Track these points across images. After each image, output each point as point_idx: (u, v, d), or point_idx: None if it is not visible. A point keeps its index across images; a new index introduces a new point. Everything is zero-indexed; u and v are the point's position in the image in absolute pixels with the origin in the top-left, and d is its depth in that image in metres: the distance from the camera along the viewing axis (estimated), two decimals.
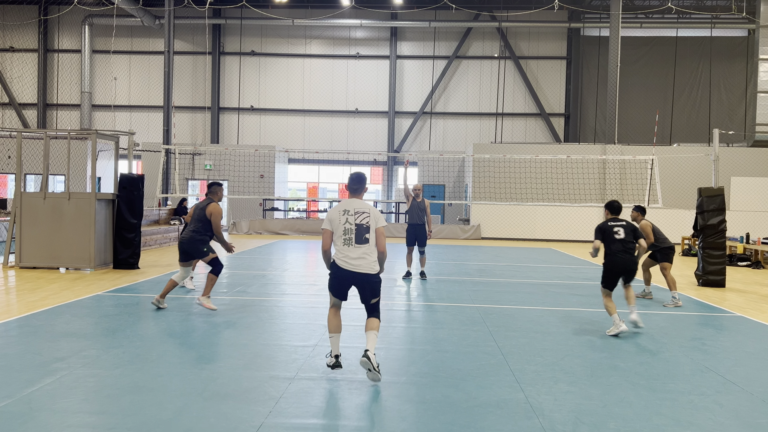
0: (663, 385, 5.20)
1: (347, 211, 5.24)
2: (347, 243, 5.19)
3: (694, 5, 27.49)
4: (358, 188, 5.48)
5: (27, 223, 11.47)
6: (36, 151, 18.46)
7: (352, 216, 5.23)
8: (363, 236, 5.20)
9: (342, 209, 5.27)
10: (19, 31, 29.71)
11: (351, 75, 29.63)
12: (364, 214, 5.25)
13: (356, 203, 5.31)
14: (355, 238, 5.18)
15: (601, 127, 27.29)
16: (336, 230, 5.23)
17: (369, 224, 5.23)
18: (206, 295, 7.72)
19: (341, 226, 5.22)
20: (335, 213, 5.26)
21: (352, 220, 5.22)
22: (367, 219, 5.25)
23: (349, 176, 5.56)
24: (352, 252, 5.17)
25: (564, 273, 13.04)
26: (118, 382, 4.91)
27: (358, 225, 5.20)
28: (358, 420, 4.27)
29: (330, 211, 5.33)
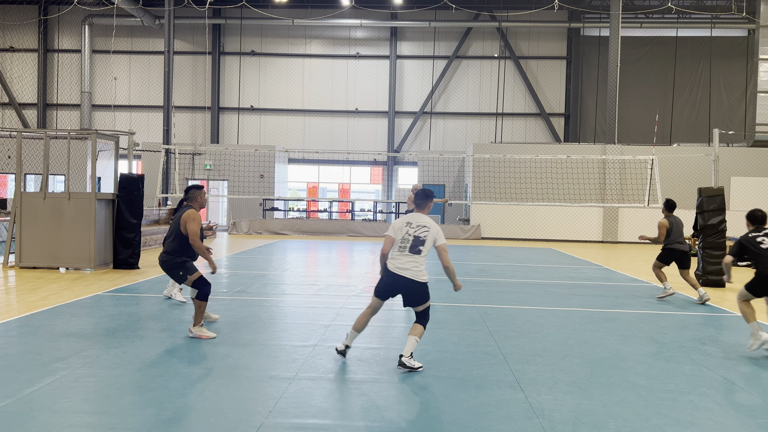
0: (663, 385, 5.20)
1: (410, 224, 5.63)
2: (402, 250, 5.54)
3: (694, 5, 27.48)
4: (422, 203, 5.79)
5: (27, 223, 11.47)
6: (36, 151, 18.47)
7: (414, 228, 5.60)
8: (417, 247, 5.53)
9: (406, 221, 5.67)
10: (19, 31, 29.71)
11: (351, 75, 29.63)
12: (424, 228, 5.60)
13: (420, 218, 5.66)
14: (410, 247, 5.52)
15: (601, 127, 27.29)
16: (396, 238, 5.60)
17: (426, 238, 5.55)
18: (198, 324, 6.44)
19: (400, 235, 5.60)
20: (400, 223, 5.68)
21: (412, 232, 5.59)
22: (426, 233, 5.58)
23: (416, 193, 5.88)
24: (402, 258, 5.52)
25: (564, 273, 13.04)
26: (118, 382, 4.91)
27: (415, 237, 5.55)
28: (358, 420, 4.27)
29: (395, 221, 5.75)
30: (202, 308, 6.41)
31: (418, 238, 5.54)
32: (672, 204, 10.01)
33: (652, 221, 22.02)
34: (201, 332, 6.40)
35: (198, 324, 6.43)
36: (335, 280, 11.16)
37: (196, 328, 6.42)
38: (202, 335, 6.36)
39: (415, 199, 5.83)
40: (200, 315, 6.42)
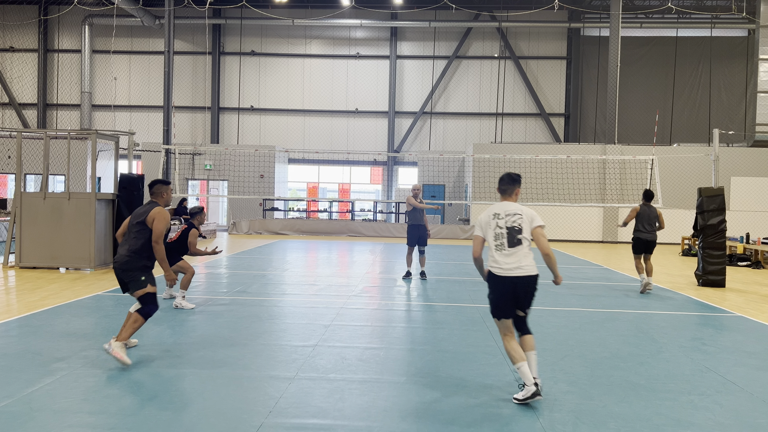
0: (663, 385, 5.20)
1: (497, 215, 4.83)
2: (499, 248, 4.75)
3: (694, 5, 27.49)
4: (507, 189, 4.99)
5: (27, 223, 11.48)
6: (36, 151, 18.47)
7: (503, 219, 4.81)
8: (515, 238, 4.75)
9: (492, 213, 4.87)
10: (19, 31, 29.71)
11: (351, 75, 29.64)
12: (516, 215, 4.82)
13: (507, 206, 4.89)
14: (507, 242, 4.73)
15: (601, 127, 27.29)
16: (487, 236, 4.83)
17: (522, 225, 4.77)
18: (122, 341, 5.37)
19: (492, 231, 4.80)
20: (486, 217, 4.88)
21: (502, 224, 4.80)
22: (520, 220, 4.80)
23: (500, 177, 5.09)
24: (505, 257, 4.72)
25: (564, 273, 13.04)
26: (118, 382, 4.91)
27: (509, 228, 4.77)
28: (358, 420, 4.27)
29: (480, 217, 4.94)
30: (137, 325, 5.49)
31: (513, 229, 4.76)
32: (649, 194, 10.58)
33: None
34: (120, 352, 5.29)
35: (123, 340, 5.39)
36: (335, 280, 11.16)
37: (118, 344, 5.32)
38: (119, 355, 5.27)
39: (500, 185, 5.03)
40: (131, 332, 5.46)
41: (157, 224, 5.64)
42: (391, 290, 10.15)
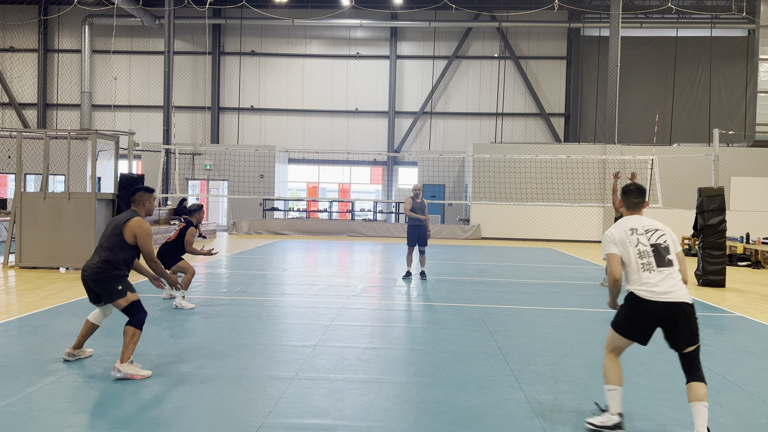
0: (663, 385, 5.20)
1: (634, 230, 4.28)
2: (647, 268, 4.12)
3: (694, 5, 27.49)
4: (640, 202, 4.48)
5: (27, 223, 11.48)
6: (36, 151, 18.47)
7: (643, 235, 4.25)
8: (665, 258, 4.14)
9: (627, 227, 4.29)
10: (19, 31, 29.71)
11: (351, 75, 29.64)
12: (658, 231, 4.26)
13: (642, 220, 4.35)
14: (656, 261, 4.13)
15: (601, 127, 27.29)
16: (627, 254, 4.20)
17: (668, 243, 4.21)
18: (127, 360, 5.03)
19: (632, 249, 4.19)
20: (620, 233, 4.28)
21: (644, 240, 4.23)
22: (664, 237, 4.24)
23: (626, 189, 4.51)
24: (656, 277, 4.07)
25: (564, 273, 13.04)
26: (118, 382, 4.91)
27: (654, 245, 4.20)
28: (358, 420, 4.27)
29: (611, 232, 4.34)
30: (136, 338, 5.08)
31: (659, 246, 4.18)
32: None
33: None
34: (134, 371, 5.01)
35: (127, 360, 5.02)
36: (335, 280, 11.16)
37: (126, 365, 5.00)
38: (135, 375, 5.00)
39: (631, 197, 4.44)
40: (132, 348, 5.06)
41: (143, 242, 5.24)
42: (391, 290, 10.15)
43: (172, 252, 8.36)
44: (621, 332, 4.21)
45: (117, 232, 5.22)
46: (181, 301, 8.01)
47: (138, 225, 5.22)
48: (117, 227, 5.24)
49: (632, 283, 4.15)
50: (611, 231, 4.33)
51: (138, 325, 5.11)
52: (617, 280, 4.20)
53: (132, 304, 5.17)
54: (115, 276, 5.17)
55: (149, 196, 5.47)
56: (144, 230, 5.23)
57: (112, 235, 5.23)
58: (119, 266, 5.21)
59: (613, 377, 4.22)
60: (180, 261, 8.38)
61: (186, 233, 8.34)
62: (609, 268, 4.22)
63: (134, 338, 5.08)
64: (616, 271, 4.20)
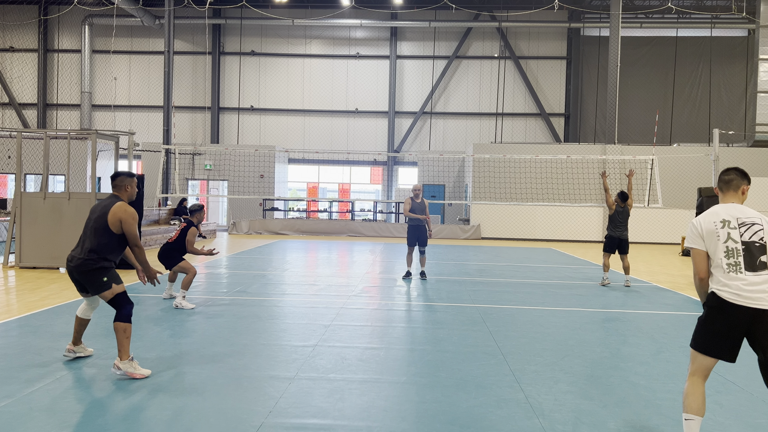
0: (663, 385, 5.20)
1: (726, 222, 3.61)
2: (733, 269, 3.53)
3: (694, 5, 27.49)
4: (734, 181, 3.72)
5: (27, 223, 11.48)
6: (36, 151, 18.47)
7: (736, 229, 3.58)
8: (758, 260, 3.53)
9: (718, 219, 3.63)
10: (19, 31, 29.71)
11: (351, 75, 29.64)
12: (754, 226, 3.58)
13: (739, 209, 3.65)
14: (745, 262, 3.51)
15: (601, 127, 27.29)
16: (713, 250, 3.61)
17: (766, 241, 3.55)
18: (127, 358, 5.00)
19: (721, 245, 3.58)
20: (709, 224, 3.63)
21: (736, 236, 3.57)
22: (761, 233, 3.56)
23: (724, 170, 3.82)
24: (742, 280, 3.50)
25: (564, 273, 13.04)
26: (119, 382, 4.91)
27: (747, 243, 3.55)
28: (358, 420, 4.27)
29: (699, 222, 3.68)
30: (128, 333, 5.00)
31: (753, 245, 3.53)
32: (624, 195, 11.00)
33: (652, 221, 22.06)
34: (133, 369, 4.97)
35: (126, 357, 4.99)
36: (335, 280, 11.16)
37: (126, 363, 4.97)
38: (135, 374, 4.96)
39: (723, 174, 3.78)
40: (127, 343, 5.00)
41: (129, 227, 5.11)
42: (391, 290, 10.15)
43: (173, 252, 8.39)
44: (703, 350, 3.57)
45: (101, 219, 5.10)
46: (182, 301, 8.02)
47: (122, 209, 5.12)
48: (102, 214, 5.12)
49: (715, 285, 3.60)
50: (699, 221, 3.68)
51: (126, 319, 5.02)
52: (703, 279, 3.64)
53: (117, 296, 5.06)
54: (101, 268, 5.06)
55: (131, 181, 5.37)
56: (129, 214, 5.13)
57: (96, 222, 5.12)
58: (105, 256, 5.09)
59: (693, 406, 3.56)
60: (181, 261, 8.41)
61: (187, 233, 8.36)
62: (694, 266, 3.70)
63: (126, 333, 5.00)
64: (701, 269, 3.63)
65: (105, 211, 5.12)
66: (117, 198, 5.26)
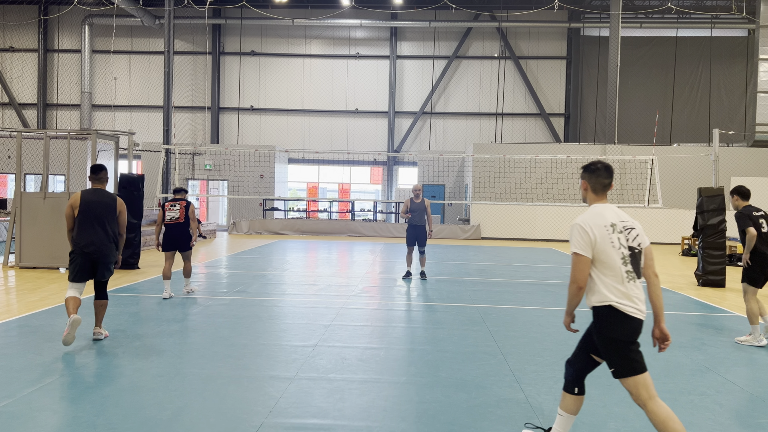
0: (663, 385, 5.20)
1: (614, 226, 3.41)
2: (630, 276, 3.35)
3: (694, 5, 27.49)
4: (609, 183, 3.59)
5: (27, 223, 11.48)
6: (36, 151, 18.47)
7: (622, 233, 3.41)
8: (640, 266, 3.43)
9: (608, 222, 3.42)
10: (19, 31, 29.71)
11: (351, 75, 29.64)
12: (633, 230, 3.46)
13: (617, 211, 3.52)
14: (634, 269, 3.38)
15: (601, 127, 27.29)
16: (604, 257, 3.36)
17: (642, 246, 3.44)
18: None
19: (616, 251, 3.36)
20: (600, 228, 3.38)
21: (624, 241, 3.40)
22: (638, 237, 3.44)
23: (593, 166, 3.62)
24: (638, 290, 3.38)
25: (564, 273, 13.04)
26: (118, 382, 4.91)
27: (632, 248, 3.40)
28: (358, 420, 4.27)
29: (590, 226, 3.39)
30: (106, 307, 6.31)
31: (635, 251, 3.40)
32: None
33: (652, 221, 22.05)
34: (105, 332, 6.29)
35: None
36: (335, 280, 11.16)
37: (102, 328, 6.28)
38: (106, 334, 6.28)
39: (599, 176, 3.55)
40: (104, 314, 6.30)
41: (124, 217, 6.17)
42: (391, 290, 10.15)
43: (185, 230, 8.79)
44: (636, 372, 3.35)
45: (112, 209, 6.01)
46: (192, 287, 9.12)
47: (122, 202, 6.21)
48: (110, 205, 6.03)
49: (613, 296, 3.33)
50: (588, 224, 3.39)
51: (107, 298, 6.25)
52: (582, 288, 3.36)
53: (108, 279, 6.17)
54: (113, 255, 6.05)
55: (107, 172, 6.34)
56: (124, 207, 6.23)
57: (109, 214, 5.99)
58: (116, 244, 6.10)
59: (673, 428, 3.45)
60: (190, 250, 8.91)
61: (189, 210, 8.81)
62: (577, 273, 3.35)
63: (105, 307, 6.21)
64: (583, 278, 3.34)
65: (113, 204, 6.05)
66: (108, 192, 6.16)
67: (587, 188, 3.61)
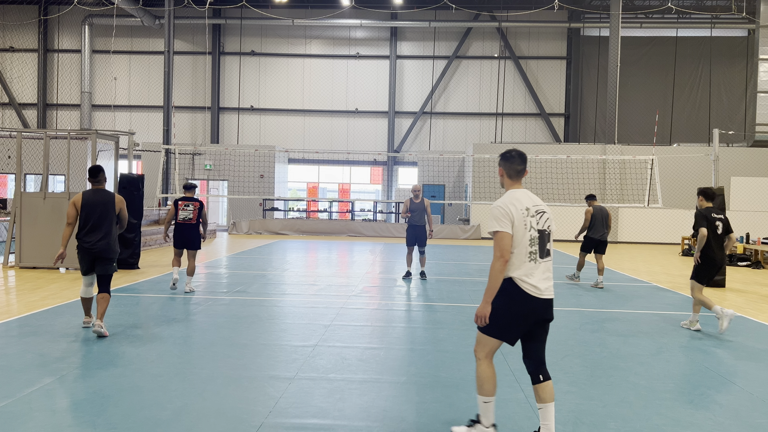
0: (663, 385, 5.20)
1: (528, 210, 3.67)
2: (533, 257, 3.63)
3: (694, 5, 27.48)
4: (523, 169, 3.84)
5: (27, 223, 11.47)
6: (36, 151, 18.47)
7: (534, 217, 3.68)
8: (546, 247, 3.71)
9: (523, 206, 3.67)
10: (19, 31, 29.71)
11: (351, 75, 29.64)
12: (545, 214, 3.75)
13: (531, 196, 3.77)
14: (540, 250, 3.66)
15: (601, 127, 27.29)
16: (519, 237, 3.62)
17: (551, 230, 3.74)
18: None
19: (527, 233, 3.63)
20: (517, 211, 3.64)
21: (534, 223, 3.67)
22: (549, 222, 3.74)
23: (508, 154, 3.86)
24: (540, 272, 3.66)
25: (564, 273, 13.03)
26: (118, 382, 4.91)
27: (541, 231, 3.69)
28: (358, 420, 4.27)
29: (505, 206, 3.65)
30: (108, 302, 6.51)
31: (544, 233, 3.70)
32: (593, 195, 11.42)
33: (652, 221, 22.06)
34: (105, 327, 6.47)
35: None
36: (335, 280, 11.16)
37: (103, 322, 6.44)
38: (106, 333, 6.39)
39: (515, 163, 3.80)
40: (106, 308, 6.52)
41: (124, 213, 6.63)
42: (391, 290, 10.15)
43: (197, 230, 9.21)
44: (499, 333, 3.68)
45: (111, 207, 6.45)
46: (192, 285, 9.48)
47: (123, 199, 6.63)
48: (110, 204, 6.45)
49: (517, 275, 3.61)
50: (507, 206, 3.64)
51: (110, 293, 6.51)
52: (506, 262, 3.56)
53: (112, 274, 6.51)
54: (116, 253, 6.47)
55: None
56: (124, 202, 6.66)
57: (111, 212, 6.44)
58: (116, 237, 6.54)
59: (489, 388, 3.72)
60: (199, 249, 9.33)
61: (203, 212, 9.25)
62: (501, 248, 3.56)
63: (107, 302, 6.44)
64: (507, 251, 3.55)
65: (112, 201, 6.47)
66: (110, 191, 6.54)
67: (503, 174, 3.88)
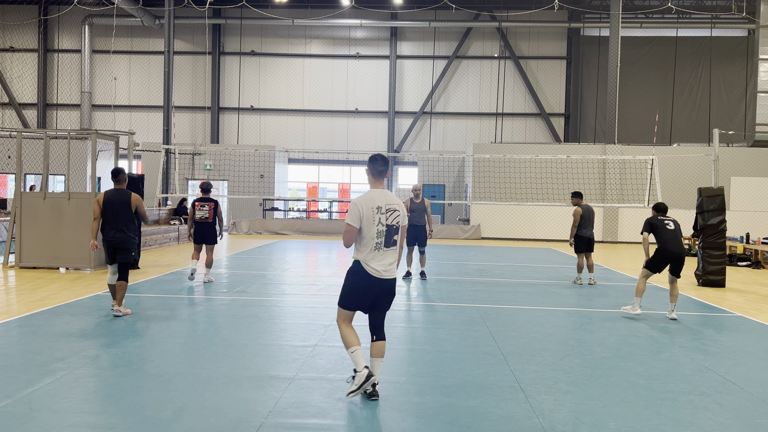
0: (663, 385, 5.20)
1: (380, 208, 4.48)
2: (378, 247, 4.48)
3: (694, 5, 27.48)
4: (385, 170, 4.67)
5: (27, 223, 11.47)
6: (36, 151, 18.46)
7: (384, 214, 4.49)
8: (392, 239, 4.54)
9: (374, 205, 4.48)
10: (19, 31, 29.71)
11: (351, 75, 29.64)
12: (396, 213, 4.56)
13: (387, 196, 4.58)
14: (385, 241, 4.50)
15: (601, 127, 27.28)
16: (366, 230, 4.47)
17: (399, 224, 4.56)
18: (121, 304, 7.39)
19: (373, 227, 4.47)
20: (366, 209, 4.45)
21: (384, 220, 4.49)
22: (398, 219, 4.56)
23: (373, 157, 4.70)
24: (383, 258, 4.51)
25: (564, 273, 13.04)
26: (118, 382, 4.91)
27: (389, 226, 4.51)
28: (358, 420, 4.27)
29: (358, 204, 4.49)
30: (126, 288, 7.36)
31: (391, 228, 4.51)
32: (580, 193, 11.46)
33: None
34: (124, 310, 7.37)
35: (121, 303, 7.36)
36: (335, 280, 11.15)
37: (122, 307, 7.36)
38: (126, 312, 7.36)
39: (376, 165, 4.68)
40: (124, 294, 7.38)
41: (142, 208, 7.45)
42: None
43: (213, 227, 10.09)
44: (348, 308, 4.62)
45: (128, 205, 7.28)
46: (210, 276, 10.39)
47: (138, 197, 7.41)
48: (126, 202, 7.29)
49: (363, 258, 4.51)
50: (361, 204, 4.49)
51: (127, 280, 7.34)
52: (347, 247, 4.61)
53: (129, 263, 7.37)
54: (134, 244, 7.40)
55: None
56: (141, 200, 7.49)
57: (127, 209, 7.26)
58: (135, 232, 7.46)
59: (352, 341, 4.56)
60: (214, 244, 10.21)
61: (218, 210, 10.22)
62: (347, 237, 4.52)
63: (125, 288, 7.33)
64: (349, 242, 4.54)
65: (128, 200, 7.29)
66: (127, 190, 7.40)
67: (369, 174, 4.73)
